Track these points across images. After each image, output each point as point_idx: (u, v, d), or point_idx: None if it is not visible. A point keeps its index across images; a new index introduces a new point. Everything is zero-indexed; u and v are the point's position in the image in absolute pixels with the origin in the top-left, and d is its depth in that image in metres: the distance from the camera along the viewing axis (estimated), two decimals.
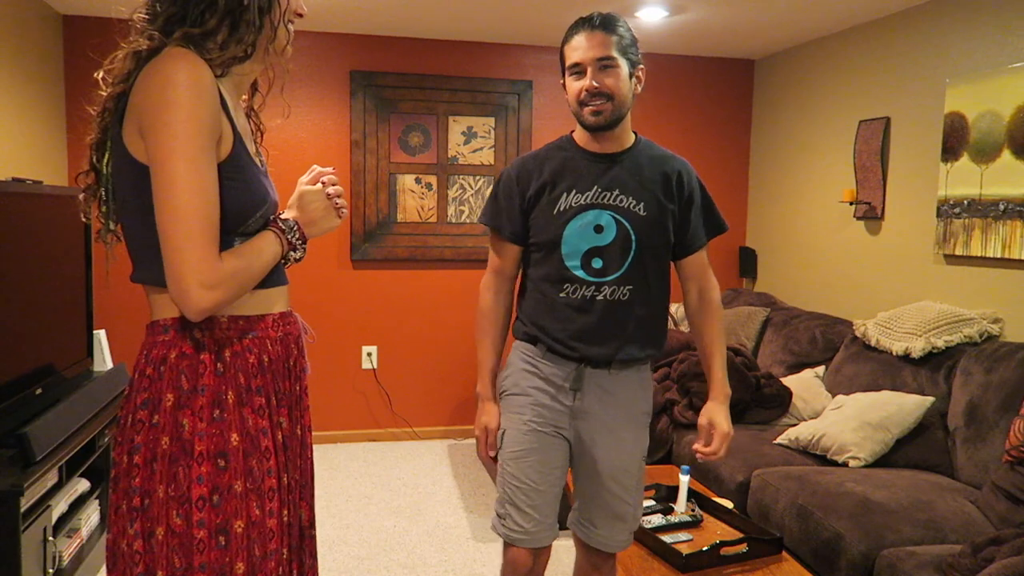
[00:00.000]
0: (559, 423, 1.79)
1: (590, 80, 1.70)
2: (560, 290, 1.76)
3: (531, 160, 1.83)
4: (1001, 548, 1.92)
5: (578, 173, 1.76)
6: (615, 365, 1.78)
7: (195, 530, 1.11)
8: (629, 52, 1.73)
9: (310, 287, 4.17)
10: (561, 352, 1.77)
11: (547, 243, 1.76)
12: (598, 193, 1.74)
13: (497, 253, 1.87)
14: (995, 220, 2.92)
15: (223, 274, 1.10)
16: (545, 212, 1.76)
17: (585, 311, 1.75)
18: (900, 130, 3.46)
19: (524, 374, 1.83)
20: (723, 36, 4.07)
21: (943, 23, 3.22)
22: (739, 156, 4.70)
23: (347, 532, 3.14)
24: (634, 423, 1.83)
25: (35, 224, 2.52)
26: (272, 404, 1.22)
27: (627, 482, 1.83)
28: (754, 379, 3.27)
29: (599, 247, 1.73)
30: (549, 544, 1.84)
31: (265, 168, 1.31)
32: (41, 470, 2.13)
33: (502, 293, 1.89)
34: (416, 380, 4.36)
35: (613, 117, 1.72)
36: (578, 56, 1.71)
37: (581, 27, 1.72)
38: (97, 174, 1.23)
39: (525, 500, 1.79)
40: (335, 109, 4.15)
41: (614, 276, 1.74)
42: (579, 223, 1.73)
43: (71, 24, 3.79)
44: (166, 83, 1.07)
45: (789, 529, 2.46)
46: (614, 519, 1.84)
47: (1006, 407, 2.55)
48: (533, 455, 1.79)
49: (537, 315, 1.81)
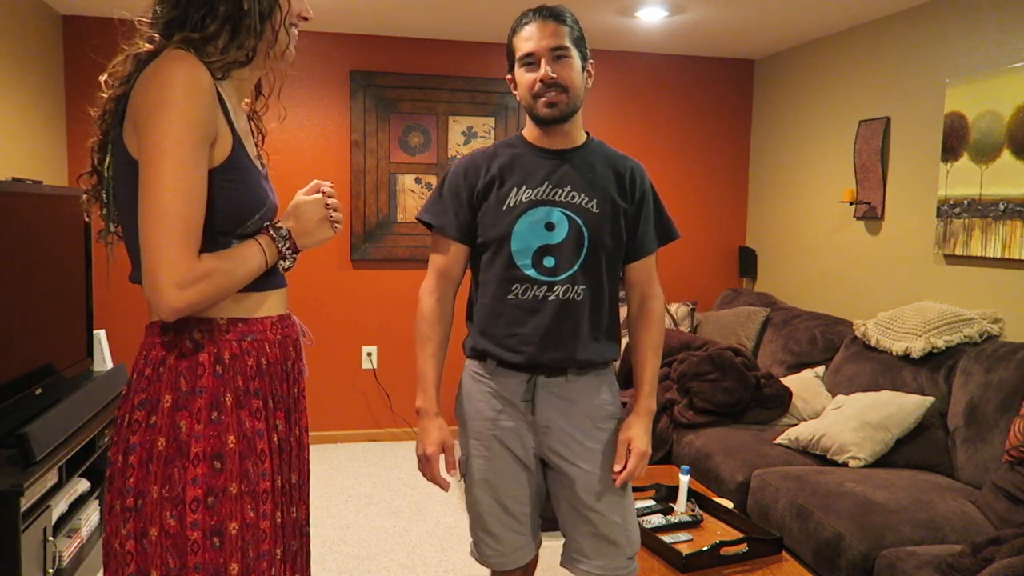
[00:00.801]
0: (522, 442, 1.70)
1: (544, 70, 1.62)
2: (509, 291, 1.67)
3: (479, 156, 1.75)
4: (1001, 548, 1.92)
5: (528, 169, 1.68)
6: (571, 371, 1.68)
7: (189, 531, 1.11)
8: (580, 45, 1.66)
9: (310, 287, 4.17)
10: (511, 362, 1.68)
11: (496, 240, 1.67)
12: (549, 189, 1.66)
13: (440, 254, 1.76)
14: (995, 220, 2.92)
15: (197, 274, 1.08)
16: (494, 208, 1.67)
17: (536, 312, 1.65)
18: (900, 130, 3.46)
19: (477, 396, 1.75)
20: (723, 36, 4.07)
21: (943, 23, 3.22)
22: (739, 156, 4.70)
23: (347, 532, 3.14)
24: (601, 430, 1.71)
25: (35, 224, 2.52)
26: (269, 407, 1.22)
27: (608, 496, 1.69)
28: (754, 379, 3.26)
29: (550, 245, 1.65)
30: (531, 559, 1.79)
31: (266, 171, 1.32)
32: (41, 470, 2.13)
33: (445, 298, 1.79)
34: (416, 380, 4.35)
35: (568, 109, 1.65)
36: (530, 46, 1.63)
37: (532, 17, 1.65)
38: (99, 176, 1.23)
39: (496, 524, 1.73)
40: (335, 109, 4.15)
41: (566, 275, 1.65)
42: (529, 219, 1.65)
43: (71, 24, 3.79)
44: (163, 83, 1.08)
45: (789, 529, 2.46)
46: (606, 544, 1.70)
47: (1006, 407, 2.55)
48: (499, 478, 1.72)
49: (485, 322, 1.72)
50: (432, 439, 1.73)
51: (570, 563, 1.76)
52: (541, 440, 1.71)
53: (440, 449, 1.73)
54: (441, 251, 1.77)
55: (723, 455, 2.92)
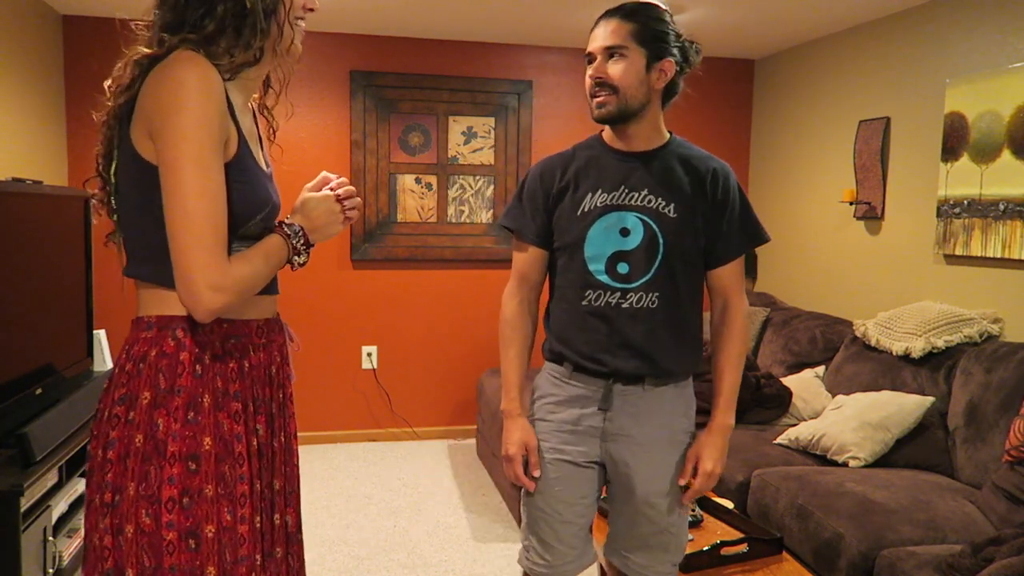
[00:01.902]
0: (588, 449, 1.68)
1: (593, 69, 1.61)
2: (583, 297, 1.65)
3: (556, 159, 1.73)
4: (1001, 548, 1.92)
5: (604, 172, 1.66)
6: (648, 381, 1.66)
7: (164, 531, 1.11)
8: (653, 42, 1.59)
9: (310, 287, 4.17)
10: (588, 369, 1.66)
11: (570, 245, 1.66)
12: (625, 193, 1.63)
13: (521, 258, 1.75)
14: (995, 220, 2.92)
15: (232, 277, 1.11)
16: (568, 213, 1.66)
17: (610, 320, 1.63)
18: (900, 130, 3.46)
19: (550, 398, 1.73)
20: (723, 36, 4.07)
21: (943, 23, 3.22)
22: (739, 156, 4.70)
23: (347, 532, 3.14)
24: (673, 444, 1.69)
25: (35, 224, 2.51)
26: (249, 410, 1.22)
27: (667, 509, 1.68)
28: (754, 379, 3.27)
29: (624, 251, 1.62)
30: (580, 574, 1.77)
31: (270, 171, 1.31)
32: (41, 470, 2.13)
33: (527, 301, 1.76)
34: (416, 380, 4.36)
35: (619, 110, 1.61)
36: (591, 45, 1.62)
37: (603, 15, 1.63)
38: (104, 181, 1.23)
39: (550, 532, 1.71)
40: (335, 109, 4.15)
41: (640, 282, 1.62)
42: (603, 224, 1.63)
43: (71, 24, 3.79)
44: (177, 85, 1.08)
45: (789, 529, 2.46)
46: (654, 549, 1.71)
47: (1006, 407, 2.55)
48: (558, 485, 1.69)
49: (562, 327, 1.70)
50: (514, 439, 1.71)
51: (614, 554, 1.76)
52: (610, 447, 1.68)
53: (523, 449, 1.71)
54: (520, 255, 1.76)
55: None
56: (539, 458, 1.71)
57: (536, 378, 1.80)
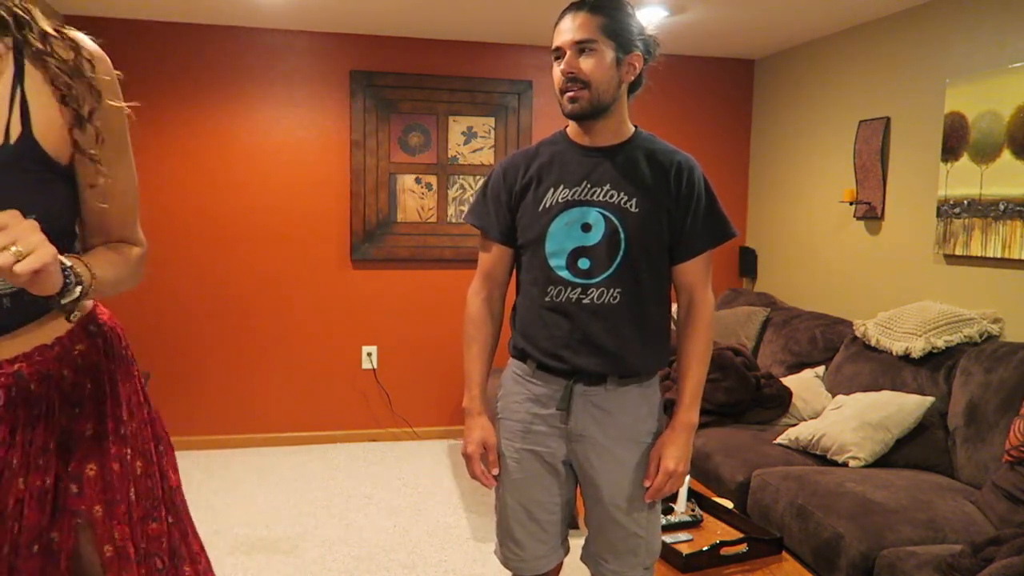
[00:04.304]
0: (556, 448, 1.67)
1: (565, 64, 1.58)
2: (545, 293, 1.63)
3: (520, 156, 1.71)
4: (1001, 548, 1.92)
5: (567, 168, 1.64)
6: (611, 380, 1.63)
7: None
8: (620, 36, 1.57)
9: (310, 287, 4.17)
10: (550, 367, 1.64)
11: (532, 241, 1.64)
12: (587, 188, 1.61)
13: (485, 255, 1.75)
14: (995, 220, 2.92)
15: None
16: (530, 209, 1.64)
17: (571, 316, 1.61)
18: (900, 130, 3.46)
19: (515, 395, 1.72)
20: (723, 36, 4.08)
21: (943, 23, 3.22)
22: (739, 156, 4.70)
23: (347, 532, 3.14)
24: (638, 447, 1.67)
25: None
26: None
27: (634, 511, 1.67)
28: (754, 379, 3.27)
29: (586, 246, 1.60)
30: (553, 567, 1.77)
31: None
32: None
33: (491, 299, 1.77)
34: (416, 380, 4.36)
35: (591, 106, 1.59)
36: (559, 40, 1.59)
37: (568, 9, 1.60)
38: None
39: (521, 529, 1.71)
40: (335, 109, 4.15)
41: (601, 278, 1.60)
42: (564, 220, 1.61)
43: (71, 24, 3.78)
44: None
45: (789, 529, 2.46)
46: (624, 554, 1.69)
47: (1006, 407, 2.55)
48: (527, 483, 1.70)
49: (525, 324, 1.69)
50: (474, 438, 1.73)
51: (589, 559, 1.76)
52: (574, 447, 1.67)
53: (482, 448, 1.73)
54: (485, 252, 1.76)
55: (723, 455, 2.92)
56: (500, 456, 1.72)
57: (502, 375, 1.81)
